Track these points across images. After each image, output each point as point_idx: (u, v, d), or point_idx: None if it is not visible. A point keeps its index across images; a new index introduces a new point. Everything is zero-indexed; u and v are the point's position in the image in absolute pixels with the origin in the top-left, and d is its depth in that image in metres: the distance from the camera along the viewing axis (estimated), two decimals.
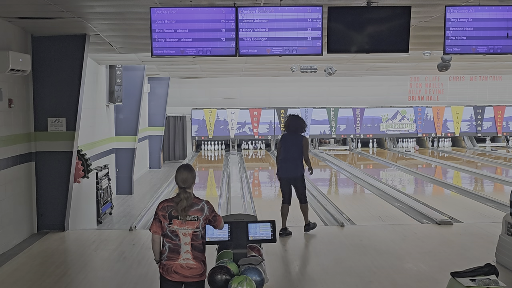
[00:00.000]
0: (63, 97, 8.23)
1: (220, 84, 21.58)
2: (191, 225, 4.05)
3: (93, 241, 7.90)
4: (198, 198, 4.16)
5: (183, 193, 4.08)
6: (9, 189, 7.45)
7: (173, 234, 4.07)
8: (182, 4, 6.23)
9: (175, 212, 4.06)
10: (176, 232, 4.06)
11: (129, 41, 9.12)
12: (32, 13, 6.94)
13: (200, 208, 4.10)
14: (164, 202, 4.17)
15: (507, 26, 6.33)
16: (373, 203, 11.89)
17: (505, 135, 23.59)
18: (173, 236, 4.07)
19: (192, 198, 4.09)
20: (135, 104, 14.30)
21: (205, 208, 4.11)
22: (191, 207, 4.06)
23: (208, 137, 22.43)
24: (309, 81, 20.86)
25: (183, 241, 4.05)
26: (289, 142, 7.91)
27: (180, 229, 4.05)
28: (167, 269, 4.07)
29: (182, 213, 4.03)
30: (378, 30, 6.22)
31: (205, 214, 4.10)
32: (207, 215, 4.12)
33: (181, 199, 4.06)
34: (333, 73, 14.95)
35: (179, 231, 4.05)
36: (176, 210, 4.05)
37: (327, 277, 6.18)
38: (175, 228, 4.06)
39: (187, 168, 4.18)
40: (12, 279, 6.25)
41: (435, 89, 22.95)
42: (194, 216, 4.06)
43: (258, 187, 15.03)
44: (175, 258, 4.06)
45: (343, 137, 23.12)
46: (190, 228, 4.05)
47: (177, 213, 4.05)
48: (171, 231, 4.07)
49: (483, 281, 4.36)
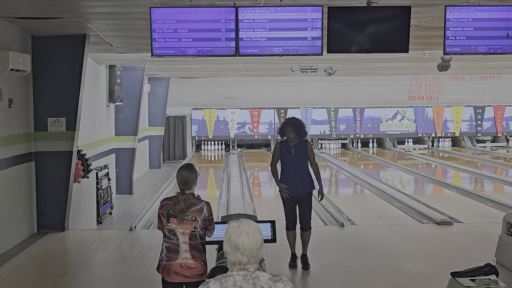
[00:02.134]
0: (63, 97, 8.23)
1: (220, 84, 21.58)
2: (189, 225, 4.04)
3: (93, 241, 7.90)
4: (198, 199, 4.12)
5: (181, 195, 4.06)
6: (9, 189, 7.45)
7: (171, 233, 4.07)
8: (182, 4, 6.23)
9: (173, 211, 4.06)
10: (174, 231, 4.05)
11: (129, 41, 9.12)
12: (32, 13, 6.93)
13: (199, 208, 4.08)
14: (164, 200, 4.18)
15: (507, 26, 6.32)
16: (373, 203, 11.89)
17: (505, 135, 23.59)
18: (171, 235, 4.07)
19: (190, 200, 4.06)
20: (135, 104, 14.30)
21: (204, 209, 4.09)
22: (189, 208, 4.05)
23: (208, 137, 22.43)
24: (309, 81, 20.86)
25: (181, 240, 4.04)
26: (291, 151, 6.35)
27: (178, 228, 4.04)
28: (168, 270, 4.06)
29: (179, 214, 4.03)
30: (378, 30, 6.22)
31: (203, 215, 4.07)
32: (206, 217, 4.09)
33: (179, 200, 4.04)
34: (333, 73, 14.95)
35: (177, 230, 4.04)
36: (174, 210, 4.05)
37: (327, 277, 6.18)
38: (173, 227, 4.05)
39: (188, 168, 4.16)
40: (12, 279, 6.25)
41: (435, 89, 22.96)
42: (192, 216, 4.04)
43: (258, 187, 15.03)
44: (174, 257, 4.05)
45: (343, 137, 23.12)
46: (188, 228, 4.04)
47: (174, 212, 4.06)
48: (169, 230, 4.07)
49: (483, 281, 4.36)
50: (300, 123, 6.41)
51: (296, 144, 6.33)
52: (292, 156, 6.31)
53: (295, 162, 6.31)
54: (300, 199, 6.32)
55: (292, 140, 6.29)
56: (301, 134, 6.35)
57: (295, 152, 6.31)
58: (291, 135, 6.28)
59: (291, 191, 6.28)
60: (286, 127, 6.34)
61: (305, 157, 6.33)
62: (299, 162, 6.31)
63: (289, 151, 6.34)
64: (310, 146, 6.41)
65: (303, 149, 6.34)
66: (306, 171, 6.34)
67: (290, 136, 6.28)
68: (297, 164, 6.31)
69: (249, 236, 2.48)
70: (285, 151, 6.37)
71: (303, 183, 6.31)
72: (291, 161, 6.31)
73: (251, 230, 2.51)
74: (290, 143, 6.31)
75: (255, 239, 2.49)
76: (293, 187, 6.29)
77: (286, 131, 6.33)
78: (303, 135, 6.38)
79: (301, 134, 6.34)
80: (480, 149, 22.91)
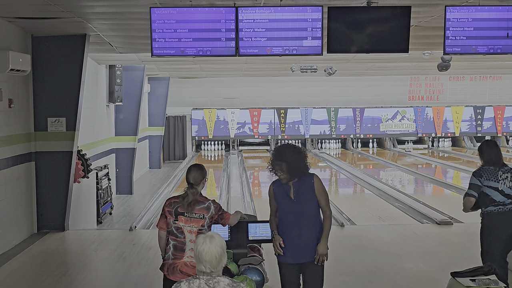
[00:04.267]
0: (63, 97, 8.24)
1: (220, 84, 21.58)
2: (196, 223, 4.08)
3: (93, 241, 7.90)
4: (205, 197, 4.20)
5: (190, 188, 4.13)
6: (9, 189, 7.45)
7: (178, 231, 4.08)
8: (182, 4, 6.23)
9: (181, 209, 4.09)
10: (182, 229, 4.08)
11: (129, 41, 9.12)
12: (32, 13, 6.93)
13: (206, 206, 4.13)
14: (171, 198, 4.23)
15: (507, 26, 6.32)
16: (373, 203, 11.88)
17: (505, 135, 23.59)
18: (178, 233, 4.08)
19: (198, 194, 4.13)
20: (135, 104, 14.30)
21: (211, 207, 4.14)
22: (196, 204, 4.09)
23: (208, 137, 22.43)
24: (309, 81, 20.86)
25: (188, 238, 4.06)
26: (289, 193, 4.28)
27: (185, 226, 4.07)
28: (173, 269, 4.07)
29: (188, 208, 4.07)
30: (378, 30, 6.22)
31: (211, 213, 4.13)
32: (213, 214, 4.15)
33: (187, 194, 4.10)
34: (333, 73, 14.94)
35: (185, 228, 4.07)
36: (183, 205, 4.09)
37: (327, 277, 6.16)
38: (180, 225, 4.08)
39: (198, 167, 4.26)
40: (12, 279, 6.25)
41: (435, 89, 22.95)
42: (199, 214, 4.09)
43: (258, 187, 15.02)
44: (180, 256, 4.06)
45: (343, 137, 23.12)
46: (196, 226, 4.07)
47: (183, 209, 4.09)
48: (176, 227, 4.09)
49: (483, 281, 4.36)
50: (296, 154, 4.27)
51: (297, 182, 4.26)
52: (291, 202, 4.26)
53: (296, 210, 4.25)
54: (305, 266, 4.31)
55: (286, 180, 4.27)
56: (299, 172, 4.26)
57: (296, 196, 4.25)
58: (282, 175, 4.26)
59: (290, 254, 4.28)
60: (274, 163, 4.28)
61: (312, 201, 4.25)
62: (301, 211, 4.24)
63: (286, 194, 4.29)
64: (319, 184, 4.27)
65: (308, 189, 4.25)
66: (313, 222, 4.26)
67: (281, 177, 4.29)
68: (299, 214, 4.25)
69: (210, 250, 2.87)
70: (280, 195, 4.32)
71: (307, 242, 4.26)
72: (290, 209, 4.27)
73: (212, 245, 2.88)
74: (288, 183, 4.28)
75: (214, 254, 2.87)
76: (292, 248, 4.27)
77: (275, 169, 4.29)
78: (304, 171, 4.29)
79: (298, 171, 4.25)
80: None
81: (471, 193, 4.98)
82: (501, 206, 4.95)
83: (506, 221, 4.95)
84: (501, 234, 4.97)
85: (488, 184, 4.98)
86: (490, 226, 5.03)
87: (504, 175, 4.99)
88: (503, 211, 4.95)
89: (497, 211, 4.96)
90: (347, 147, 23.45)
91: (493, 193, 4.96)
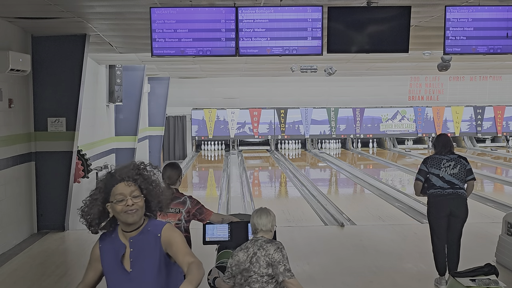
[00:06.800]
0: (63, 97, 8.23)
1: (220, 84, 21.57)
2: (172, 217, 4.17)
3: (93, 241, 7.86)
4: (181, 193, 4.33)
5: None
6: (9, 189, 7.45)
7: None
8: (182, 4, 6.23)
9: None
10: None
11: (129, 41, 9.12)
12: (32, 13, 6.93)
13: (182, 201, 4.26)
14: None
15: (507, 26, 6.32)
16: (373, 203, 11.88)
17: (505, 135, 23.59)
18: None
19: (173, 193, 4.24)
20: (135, 104, 14.30)
21: (187, 202, 4.27)
22: (172, 201, 4.16)
23: (208, 137, 22.42)
24: (309, 81, 20.85)
25: None
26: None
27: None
28: None
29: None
30: (378, 30, 6.22)
31: (187, 207, 4.24)
32: (189, 208, 4.26)
33: None
34: (333, 73, 14.94)
35: None
36: None
37: (327, 277, 6.18)
38: None
39: (173, 165, 4.41)
40: (12, 279, 6.24)
41: (435, 89, 22.95)
42: (175, 209, 4.20)
43: (258, 187, 15.02)
44: None
45: (343, 137, 23.13)
46: (172, 220, 4.15)
47: None
48: None
49: (483, 281, 4.36)
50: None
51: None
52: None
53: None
54: None
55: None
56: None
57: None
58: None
59: None
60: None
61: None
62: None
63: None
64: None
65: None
66: None
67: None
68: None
69: (261, 216, 3.62)
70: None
71: None
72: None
73: (263, 212, 3.69)
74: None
75: (264, 219, 3.63)
76: None
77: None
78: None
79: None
80: (480, 149, 22.90)
81: (418, 177, 5.76)
82: (439, 190, 5.62)
83: (442, 202, 5.61)
84: (439, 213, 5.65)
85: (431, 171, 5.67)
86: (431, 206, 5.73)
87: (447, 163, 5.66)
88: (441, 193, 5.61)
89: (436, 193, 5.63)
90: (347, 147, 23.45)
91: (434, 179, 5.65)
